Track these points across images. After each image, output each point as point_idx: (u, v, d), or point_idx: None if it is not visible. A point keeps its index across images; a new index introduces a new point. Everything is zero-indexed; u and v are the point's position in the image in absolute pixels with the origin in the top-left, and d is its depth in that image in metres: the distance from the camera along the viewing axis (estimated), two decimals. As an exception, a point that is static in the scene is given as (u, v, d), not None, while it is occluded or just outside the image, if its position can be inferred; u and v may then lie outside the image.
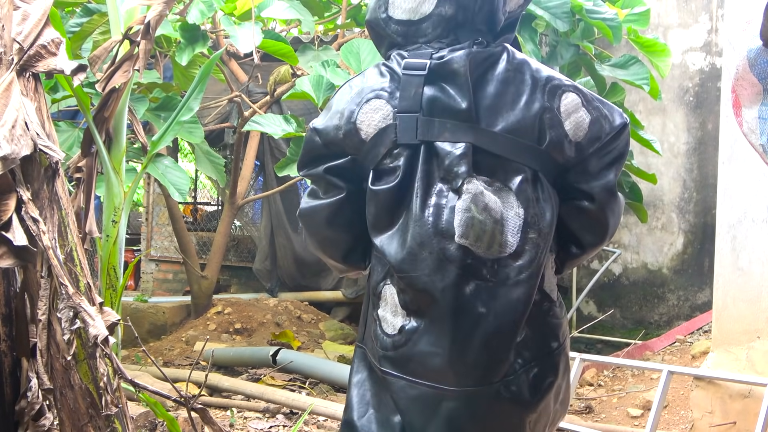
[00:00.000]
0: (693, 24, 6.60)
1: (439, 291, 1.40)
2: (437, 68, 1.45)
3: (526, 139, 1.45)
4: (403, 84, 1.46)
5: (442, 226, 1.41)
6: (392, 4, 1.53)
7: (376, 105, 1.48)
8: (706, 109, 6.53)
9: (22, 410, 1.85)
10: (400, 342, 1.46)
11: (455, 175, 1.41)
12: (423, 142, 1.44)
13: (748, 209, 3.52)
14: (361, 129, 1.48)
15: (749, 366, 3.49)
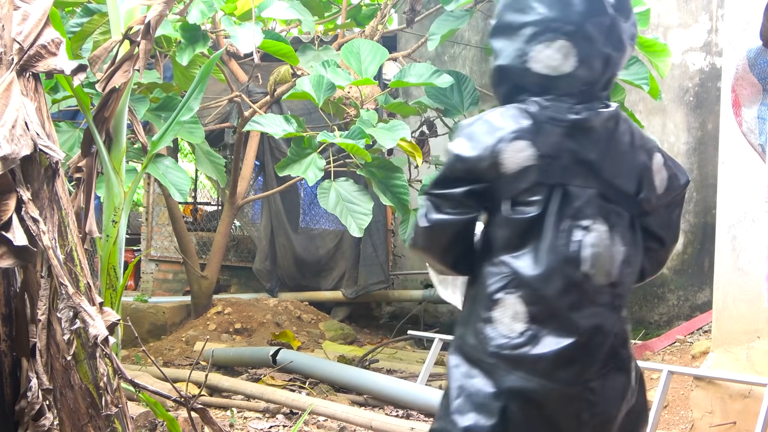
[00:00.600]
0: (693, 24, 6.60)
1: (565, 309, 1.71)
2: (578, 123, 1.74)
3: (629, 189, 1.78)
4: (546, 132, 1.73)
5: (572, 257, 1.71)
6: (533, 59, 1.76)
7: (519, 146, 1.72)
8: (706, 109, 6.53)
9: (22, 410, 1.85)
10: (519, 344, 1.70)
11: (584, 215, 1.72)
12: (559, 184, 1.73)
13: (748, 209, 3.52)
14: (503, 164, 1.72)
15: (749, 366, 3.49)
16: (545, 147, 1.72)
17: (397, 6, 6.31)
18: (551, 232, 1.71)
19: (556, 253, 1.71)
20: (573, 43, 1.74)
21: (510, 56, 1.79)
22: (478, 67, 7.49)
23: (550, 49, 1.74)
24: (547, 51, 1.75)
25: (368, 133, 4.40)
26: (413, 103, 5.43)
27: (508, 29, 1.80)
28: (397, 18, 7.83)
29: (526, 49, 1.76)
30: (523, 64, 1.76)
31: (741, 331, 3.54)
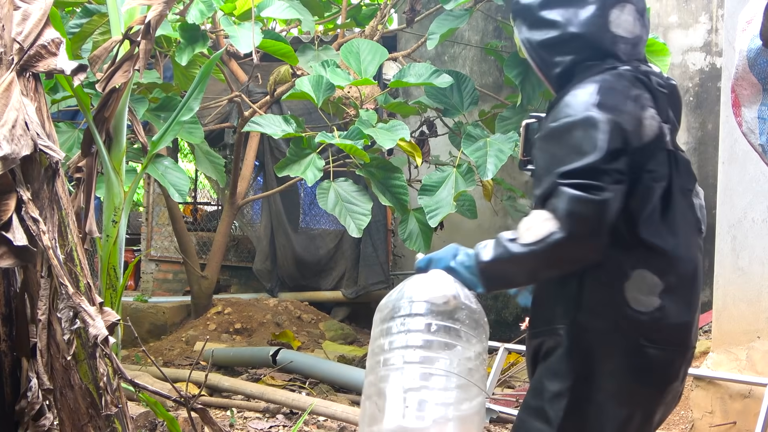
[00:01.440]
0: (693, 24, 6.60)
1: (699, 271, 1.74)
2: (673, 90, 1.81)
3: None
4: (658, 98, 1.74)
5: (695, 220, 1.77)
6: (614, 23, 1.76)
7: (651, 113, 1.69)
8: (706, 109, 6.53)
9: (22, 410, 1.85)
10: (657, 317, 1.67)
11: (692, 179, 1.77)
12: (673, 150, 1.74)
13: (748, 209, 3.52)
14: (645, 132, 1.67)
15: (749, 366, 3.49)
16: (662, 113, 1.72)
17: (397, 6, 6.31)
18: (679, 199, 1.72)
19: (687, 220, 1.73)
20: (635, 6, 1.79)
21: (587, 23, 1.75)
22: (478, 66, 7.49)
23: (624, 13, 1.77)
24: (623, 15, 1.77)
25: (367, 134, 4.40)
26: (413, 103, 5.43)
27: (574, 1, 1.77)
28: (397, 18, 7.83)
29: (605, 14, 1.75)
30: (607, 29, 1.75)
31: (741, 331, 3.54)
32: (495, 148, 4.55)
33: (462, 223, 6.89)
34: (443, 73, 4.81)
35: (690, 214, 1.74)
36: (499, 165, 4.45)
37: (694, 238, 1.74)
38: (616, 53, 1.75)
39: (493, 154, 4.51)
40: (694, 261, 1.73)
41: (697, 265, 1.74)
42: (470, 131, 4.73)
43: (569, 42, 1.76)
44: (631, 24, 1.77)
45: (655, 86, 1.74)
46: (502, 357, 4.43)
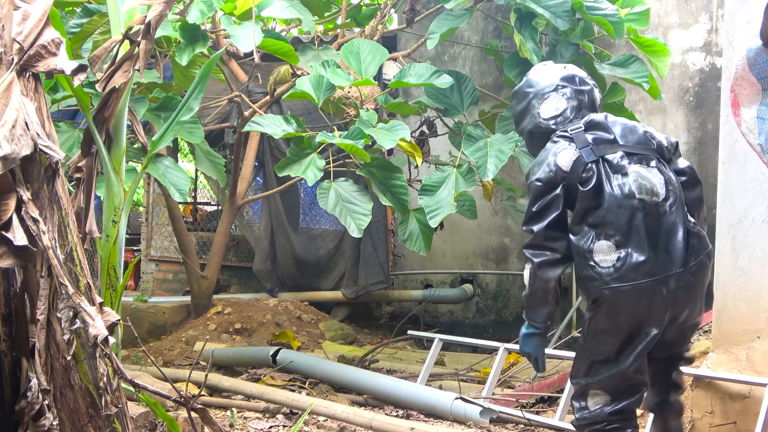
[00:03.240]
0: (693, 24, 6.60)
1: (635, 226, 2.58)
2: (588, 124, 2.77)
3: (646, 145, 2.73)
4: (575, 137, 2.72)
5: (627, 193, 2.60)
6: (541, 112, 2.86)
7: (565, 153, 2.69)
8: (706, 109, 6.53)
9: (22, 410, 1.85)
10: (620, 266, 2.57)
11: (621, 167, 2.64)
12: (600, 158, 2.66)
13: (748, 209, 3.52)
14: (565, 165, 2.68)
15: (749, 366, 3.49)
16: (579, 144, 2.69)
17: (397, 6, 6.32)
18: (610, 185, 2.62)
19: (614, 196, 2.60)
20: (555, 92, 2.86)
21: (527, 122, 2.91)
22: (478, 67, 7.49)
23: (545, 102, 2.86)
24: (544, 104, 2.86)
25: (368, 134, 4.40)
26: (413, 102, 5.43)
27: (523, 112, 2.93)
28: (397, 18, 7.83)
29: (533, 109, 2.88)
30: (539, 118, 2.86)
31: (741, 331, 3.54)
32: (495, 149, 4.55)
33: (462, 223, 6.89)
34: (443, 73, 4.81)
35: (620, 190, 2.60)
36: (499, 165, 4.45)
37: (627, 205, 2.59)
38: (549, 128, 2.83)
39: (494, 154, 4.51)
40: (627, 218, 2.58)
41: (630, 218, 2.58)
42: (470, 131, 4.73)
43: (529, 135, 2.95)
44: (552, 107, 2.84)
45: (573, 132, 2.73)
46: (502, 357, 4.44)
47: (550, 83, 2.85)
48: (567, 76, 2.87)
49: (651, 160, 2.68)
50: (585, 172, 2.63)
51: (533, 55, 4.75)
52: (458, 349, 6.38)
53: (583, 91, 2.85)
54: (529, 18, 4.88)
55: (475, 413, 3.92)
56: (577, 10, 4.86)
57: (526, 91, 2.90)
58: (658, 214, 2.59)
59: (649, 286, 2.55)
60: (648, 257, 2.55)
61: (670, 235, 2.60)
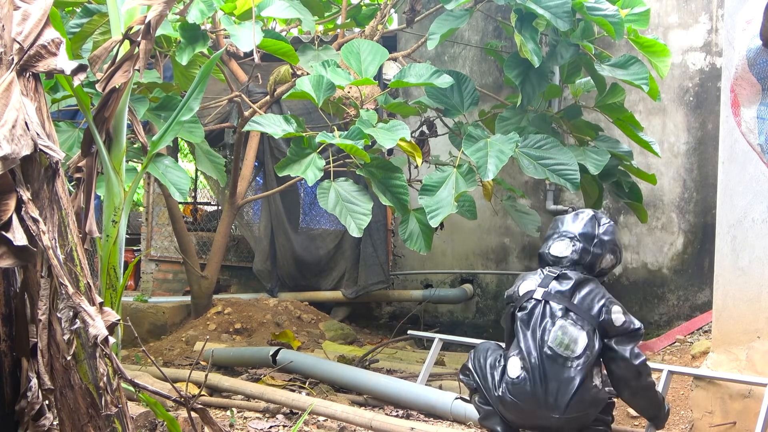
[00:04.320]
0: (693, 24, 6.60)
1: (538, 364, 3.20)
2: (562, 275, 3.36)
3: (594, 315, 3.25)
4: (545, 278, 3.39)
5: (545, 337, 3.23)
6: (551, 247, 3.48)
7: (528, 283, 3.42)
8: (706, 109, 6.53)
9: (22, 410, 1.85)
10: (520, 382, 3.22)
11: (555, 317, 3.26)
12: (546, 301, 3.31)
13: (748, 209, 3.52)
14: (520, 291, 3.43)
15: (749, 366, 3.49)
16: (542, 283, 3.37)
17: (397, 6, 6.32)
18: (538, 323, 3.27)
19: (535, 337, 3.25)
20: (570, 241, 3.45)
21: (543, 247, 3.55)
22: (478, 67, 7.49)
23: (561, 243, 3.46)
24: (559, 244, 3.46)
25: (368, 134, 4.40)
26: (413, 103, 5.43)
27: (546, 235, 3.59)
28: (397, 18, 7.83)
29: (549, 243, 3.51)
30: (547, 250, 3.49)
31: (741, 331, 3.54)
32: (496, 149, 4.55)
33: (462, 223, 6.89)
34: (443, 73, 4.81)
35: (542, 333, 3.24)
36: (499, 166, 4.45)
37: (540, 348, 3.22)
38: (547, 260, 3.49)
39: (494, 154, 4.51)
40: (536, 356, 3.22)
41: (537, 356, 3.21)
42: (471, 131, 4.73)
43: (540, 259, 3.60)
44: (560, 249, 3.45)
45: (547, 273, 3.40)
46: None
47: (573, 232, 3.45)
48: (588, 234, 3.43)
49: (586, 324, 3.22)
50: (527, 302, 3.32)
51: (533, 55, 4.75)
52: (458, 349, 6.38)
53: (590, 252, 3.40)
54: (530, 18, 4.88)
55: (475, 413, 3.92)
56: (577, 11, 4.86)
57: (557, 224, 3.55)
58: (563, 366, 3.15)
59: (527, 411, 3.20)
60: (538, 390, 3.15)
61: (564, 385, 3.13)
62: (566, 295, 3.27)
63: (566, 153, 4.72)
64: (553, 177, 4.66)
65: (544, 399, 3.14)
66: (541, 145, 4.75)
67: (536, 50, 4.79)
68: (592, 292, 3.30)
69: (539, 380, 3.16)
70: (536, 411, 3.16)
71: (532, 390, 3.15)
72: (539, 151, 4.74)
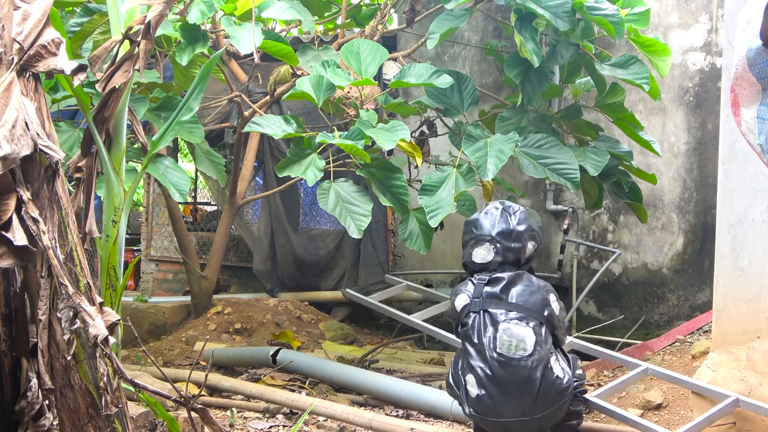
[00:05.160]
0: (693, 24, 6.61)
1: (490, 374, 3.21)
2: (492, 279, 3.40)
3: (536, 309, 3.31)
4: (476, 287, 3.40)
5: (491, 345, 3.24)
6: (473, 255, 3.50)
7: (461, 298, 3.44)
8: (706, 109, 6.53)
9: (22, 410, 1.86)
10: (478, 403, 3.25)
11: (495, 323, 3.28)
12: (483, 310, 3.33)
13: (748, 209, 3.52)
14: (456, 307, 3.46)
15: (749, 366, 3.49)
16: (475, 293, 3.38)
17: (397, 6, 6.32)
18: (482, 334, 3.27)
19: (482, 346, 3.25)
20: (489, 244, 3.46)
21: (464, 259, 3.55)
22: (478, 67, 7.49)
23: (481, 248, 3.48)
24: (480, 249, 3.49)
25: (368, 134, 4.40)
26: (413, 103, 5.43)
27: (464, 244, 3.57)
28: (397, 18, 7.83)
29: (470, 251, 3.51)
30: (470, 260, 3.51)
31: (741, 331, 3.54)
32: (495, 149, 4.55)
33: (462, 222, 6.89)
34: (443, 73, 4.81)
35: (488, 342, 3.25)
36: (499, 165, 4.45)
37: (488, 356, 3.22)
38: (474, 268, 3.50)
39: (494, 154, 4.51)
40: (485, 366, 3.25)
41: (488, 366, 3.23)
42: (470, 131, 4.73)
43: (464, 267, 3.61)
44: (482, 255, 3.47)
45: (477, 281, 3.40)
46: None
47: (489, 233, 3.45)
48: (504, 231, 3.44)
49: (530, 320, 3.24)
50: (467, 317, 3.35)
51: (533, 55, 4.75)
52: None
53: (512, 248, 3.43)
54: (530, 18, 4.88)
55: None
56: (577, 11, 4.86)
57: (471, 229, 3.56)
58: (518, 368, 3.16)
59: (494, 423, 3.21)
60: (500, 401, 3.16)
61: (524, 386, 3.14)
62: (502, 298, 3.30)
63: (566, 152, 4.72)
64: (553, 176, 4.66)
65: (509, 409, 3.15)
66: (540, 144, 4.75)
67: (536, 50, 4.79)
68: (528, 287, 3.34)
69: (498, 392, 3.16)
70: (506, 422, 3.19)
71: (494, 404, 3.17)
72: (539, 150, 4.73)
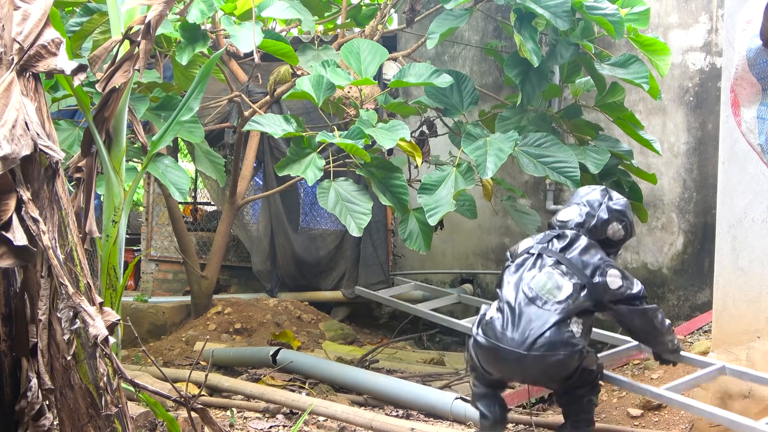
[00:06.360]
0: (693, 24, 6.61)
1: (514, 306, 3.32)
2: (560, 234, 3.51)
3: (586, 272, 3.35)
4: (545, 236, 3.55)
5: (528, 281, 3.36)
6: (560, 213, 3.65)
7: (527, 241, 3.60)
8: (706, 109, 6.53)
9: (22, 410, 1.86)
10: (491, 322, 3.33)
11: (543, 266, 3.39)
12: (539, 254, 3.46)
13: (748, 209, 3.52)
14: (519, 248, 3.60)
15: (749, 366, 3.49)
16: (540, 240, 3.52)
17: (397, 6, 6.31)
18: (522, 269, 3.42)
19: (518, 278, 3.38)
20: (578, 206, 3.58)
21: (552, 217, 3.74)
22: (478, 66, 7.49)
23: (569, 209, 3.63)
24: (567, 209, 3.64)
25: (368, 133, 4.40)
26: (413, 102, 5.43)
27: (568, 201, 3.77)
28: (397, 18, 7.83)
29: (559, 210, 3.73)
30: (555, 218, 3.69)
31: (741, 331, 3.54)
32: (495, 147, 4.55)
33: (462, 223, 6.89)
34: (443, 72, 4.81)
35: (531, 277, 3.36)
36: (498, 164, 4.45)
37: (519, 288, 3.34)
38: (555, 224, 3.65)
39: (493, 153, 4.51)
40: (513, 295, 3.33)
41: (514, 296, 3.32)
42: (470, 130, 4.73)
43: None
44: (567, 214, 3.60)
45: (548, 233, 3.56)
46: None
47: (581, 198, 3.58)
48: (595, 201, 3.54)
49: (574, 277, 3.31)
50: (522, 255, 3.48)
51: (533, 55, 4.75)
52: (458, 349, 6.38)
53: (595, 215, 3.49)
54: (529, 18, 4.88)
55: (475, 413, 3.91)
56: (577, 10, 4.86)
57: (571, 196, 3.75)
58: (541, 307, 3.22)
59: (492, 348, 3.24)
60: (508, 328, 3.22)
61: (535, 322, 3.19)
62: (561, 250, 3.39)
63: (566, 151, 4.72)
64: (553, 175, 4.66)
65: (510, 336, 3.17)
66: (540, 143, 4.75)
67: (536, 50, 4.79)
68: (588, 251, 3.38)
69: (510, 319, 3.22)
70: (504, 348, 3.18)
71: (501, 327, 3.22)
72: (539, 149, 4.73)
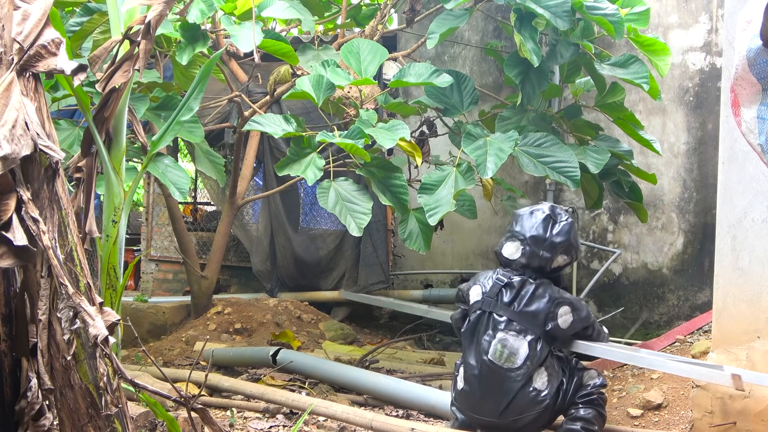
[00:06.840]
0: (693, 24, 6.60)
1: (476, 375, 3.51)
2: (508, 284, 3.54)
3: (538, 323, 3.46)
4: (493, 286, 3.57)
5: (485, 349, 3.48)
6: (504, 247, 3.64)
7: (476, 290, 3.65)
8: (706, 109, 6.53)
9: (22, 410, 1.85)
10: (463, 393, 3.58)
11: (496, 329, 3.49)
12: (489, 312, 3.54)
13: (748, 209, 3.52)
14: (470, 296, 3.68)
15: (749, 366, 3.49)
16: (489, 292, 3.56)
17: (397, 6, 6.32)
18: (482, 335, 3.50)
19: (479, 347, 3.49)
20: (521, 243, 3.58)
21: (499, 244, 3.71)
22: (478, 66, 7.49)
23: (512, 244, 3.61)
24: (510, 245, 3.62)
25: (367, 133, 4.40)
26: (413, 102, 5.43)
27: (505, 232, 3.72)
28: (397, 18, 7.83)
29: (503, 242, 3.67)
30: (500, 249, 3.67)
31: (741, 331, 3.54)
32: (495, 147, 4.55)
33: (462, 222, 6.89)
34: (443, 72, 4.81)
35: (486, 345, 3.48)
36: (498, 163, 4.45)
37: (478, 355, 3.50)
38: (499, 259, 3.68)
39: (493, 152, 4.51)
40: (475, 366, 3.51)
41: (477, 367, 3.51)
42: (470, 130, 4.73)
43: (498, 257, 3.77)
44: (511, 251, 3.61)
45: (496, 279, 3.58)
46: None
47: (524, 233, 3.57)
48: (538, 237, 3.53)
49: (528, 334, 3.42)
50: (473, 312, 3.58)
51: (533, 55, 4.75)
52: (458, 349, 6.38)
53: (540, 256, 3.52)
54: (529, 18, 4.87)
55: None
56: (577, 10, 4.86)
57: (513, 221, 3.69)
58: (504, 377, 3.40)
59: (469, 418, 3.54)
60: (478, 399, 3.46)
61: (502, 393, 3.39)
62: (510, 305, 3.49)
63: (566, 150, 4.72)
64: (553, 174, 4.66)
65: (484, 408, 3.47)
66: (540, 143, 4.75)
67: (536, 50, 4.79)
68: (536, 299, 3.47)
69: (478, 391, 3.47)
70: (479, 419, 3.52)
71: (473, 400, 3.51)
72: (539, 149, 4.73)
